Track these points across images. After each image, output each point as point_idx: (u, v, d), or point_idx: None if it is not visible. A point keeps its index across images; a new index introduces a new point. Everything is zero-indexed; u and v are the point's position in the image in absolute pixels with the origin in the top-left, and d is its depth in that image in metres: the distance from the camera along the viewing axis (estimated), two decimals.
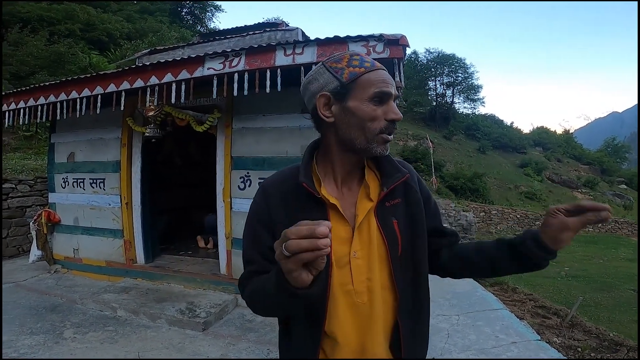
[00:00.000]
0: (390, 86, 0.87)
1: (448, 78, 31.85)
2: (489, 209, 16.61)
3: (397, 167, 0.94)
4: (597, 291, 6.95)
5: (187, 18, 25.71)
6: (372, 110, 0.86)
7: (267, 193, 0.95)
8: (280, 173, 1.00)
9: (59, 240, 4.86)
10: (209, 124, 3.86)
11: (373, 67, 0.89)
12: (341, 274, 0.87)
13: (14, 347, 2.81)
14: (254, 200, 0.97)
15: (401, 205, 0.93)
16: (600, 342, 3.66)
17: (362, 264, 0.87)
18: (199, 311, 3.40)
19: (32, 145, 8.69)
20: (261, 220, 0.93)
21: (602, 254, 12.02)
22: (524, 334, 3.22)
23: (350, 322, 0.87)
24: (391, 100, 0.88)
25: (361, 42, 2.87)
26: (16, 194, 5.52)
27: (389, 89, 0.87)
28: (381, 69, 0.89)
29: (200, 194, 6.12)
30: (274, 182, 0.97)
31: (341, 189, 0.93)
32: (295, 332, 0.92)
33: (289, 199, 0.92)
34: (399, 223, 0.91)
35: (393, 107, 0.88)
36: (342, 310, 0.87)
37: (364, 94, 0.86)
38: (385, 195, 0.91)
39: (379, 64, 0.91)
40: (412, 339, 0.91)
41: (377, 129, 0.86)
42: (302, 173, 0.91)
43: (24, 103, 4.08)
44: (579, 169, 30.75)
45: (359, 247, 0.88)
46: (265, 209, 0.93)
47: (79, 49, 12.82)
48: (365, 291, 0.87)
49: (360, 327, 0.87)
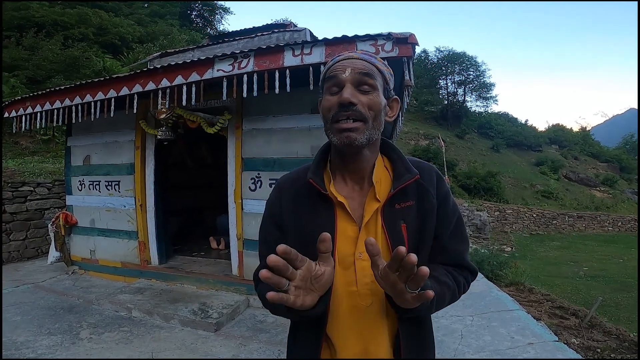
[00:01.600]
0: (343, 70, 0.83)
1: (459, 76, 31.51)
2: (503, 209, 16.36)
3: (408, 168, 0.90)
4: (617, 291, 6.77)
5: (196, 21, 25.98)
6: (327, 100, 0.85)
7: (281, 190, 0.97)
8: (295, 171, 1.01)
9: (76, 241, 4.95)
10: (219, 126, 3.88)
11: (337, 59, 0.87)
12: (346, 275, 0.86)
13: (32, 347, 2.87)
14: (269, 197, 1.00)
15: (413, 209, 0.88)
16: (621, 343, 3.56)
17: (367, 266, 0.84)
18: (212, 312, 3.43)
19: (50, 149, 8.90)
20: (273, 217, 0.96)
21: (622, 253, 11.71)
22: (541, 335, 3.16)
23: (352, 325, 0.85)
24: (346, 85, 0.82)
25: (369, 41, 2.85)
26: (35, 196, 5.65)
27: (335, 74, 0.83)
28: (345, 59, 0.86)
29: (212, 196, 6.18)
30: (288, 179, 0.99)
31: (352, 188, 0.91)
32: (300, 332, 0.93)
33: (300, 196, 0.92)
34: (408, 227, 0.86)
35: (342, 91, 0.82)
36: (344, 312, 0.85)
37: (324, 87, 0.87)
38: (393, 196, 0.87)
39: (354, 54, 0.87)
40: (412, 345, 0.87)
41: (329, 119, 0.84)
42: (311, 170, 0.91)
43: (40, 107, 4.17)
44: (596, 166, 30.02)
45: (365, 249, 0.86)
46: (277, 206, 0.95)
47: (93, 53, 13.07)
48: (369, 294, 0.85)
49: (363, 330, 0.85)
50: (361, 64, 0.84)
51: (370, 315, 0.85)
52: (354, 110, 0.81)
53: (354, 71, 0.83)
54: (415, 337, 0.88)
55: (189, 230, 5.96)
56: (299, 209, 0.91)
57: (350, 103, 0.80)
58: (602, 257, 10.94)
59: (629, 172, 30.57)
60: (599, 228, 18.24)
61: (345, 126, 0.81)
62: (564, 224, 17.53)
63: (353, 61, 0.85)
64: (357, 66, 0.83)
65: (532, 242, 13.80)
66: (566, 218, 17.74)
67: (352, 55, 0.87)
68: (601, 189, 24.58)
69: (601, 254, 11.60)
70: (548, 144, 32.26)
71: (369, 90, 0.83)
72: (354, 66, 0.83)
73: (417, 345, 0.89)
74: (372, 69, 0.85)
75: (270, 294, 0.64)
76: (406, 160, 0.93)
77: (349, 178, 0.92)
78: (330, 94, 0.85)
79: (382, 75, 0.87)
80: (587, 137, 36.98)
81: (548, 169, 24.96)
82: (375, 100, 0.84)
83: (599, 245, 13.33)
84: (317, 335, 0.86)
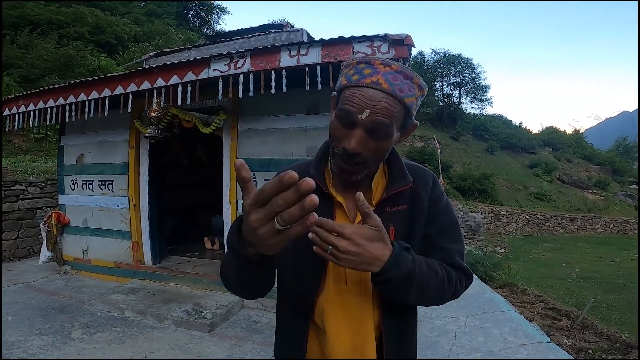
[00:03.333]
0: (361, 109, 0.74)
1: (455, 78, 31.70)
2: (497, 210, 16.47)
3: (403, 174, 0.90)
4: (609, 293, 6.84)
5: (193, 20, 25.93)
6: (337, 128, 0.80)
7: None
8: (298, 164, 1.00)
9: (68, 241, 4.91)
10: (215, 126, 3.87)
11: (359, 82, 0.76)
12: (337, 271, 0.88)
13: (23, 347, 2.84)
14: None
15: (404, 213, 0.90)
16: (612, 344, 3.60)
17: None
18: (205, 312, 3.41)
19: (42, 148, 8.82)
20: None
21: (613, 255, 11.84)
22: (534, 336, 3.18)
23: (341, 320, 0.87)
24: (356, 127, 0.76)
25: (366, 42, 2.86)
26: (27, 195, 5.60)
27: (352, 110, 0.75)
28: (370, 88, 0.75)
29: (207, 196, 6.15)
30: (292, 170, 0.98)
31: (350, 190, 0.92)
32: (285, 323, 0.95)
33: None
34: (397, 230, 0.88)
35: (350, 135, 0.77)
36: (334, 307, 0.87)
37: (339, 98, 0.82)
38: (385, 200, 0.89)
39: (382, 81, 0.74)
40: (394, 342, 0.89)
41: (335, 150, 0.82)
42: (313, 167, 0.92)
43: (33, 105, 4.13)
44: (589, 169, 30.30)
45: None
46: None
47: (88, 52, 12.98)
48: (357, 292, 0.87)
49: (352, 326, 0.87)
50: (383, 110, 0.75)
51: (358, 312, 0.87)
52: (357, 158, 0.79)
53: (372, 117, 0.75)
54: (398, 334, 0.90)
55: (184, 230, 5.93)
56: None
57: (357, 154, 0.78)
58: (594, 259, 11.05)
59: (621, 174, 30.91)
60: (591, 230, 18.44)
61: (344, 167, 0.82)
62: (557, 226, 17.69)
63: (377, 99, 0.74)
64: (377, 111, 0.74)
65: (526, 244, 13.91)
66: (559, 220, 17.91)
67: (378, 82, 0.75)
68: (594, 192, 24.81)
69: (593, 255, 11.72)
70: (542, 146, 32.52)
71: (382, 138, 0.78)
72: (375, 110, 0.74)
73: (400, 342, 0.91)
74: (394, 111, 0.76)
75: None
76: (403, 165, 0.93)
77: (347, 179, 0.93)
78: (340, 121, 0.79)
79: (406, 110, 0.79)
80: (580, 140, 37.34)
81: (541, 171, 25.14)
82: (384, 147, 0.80)
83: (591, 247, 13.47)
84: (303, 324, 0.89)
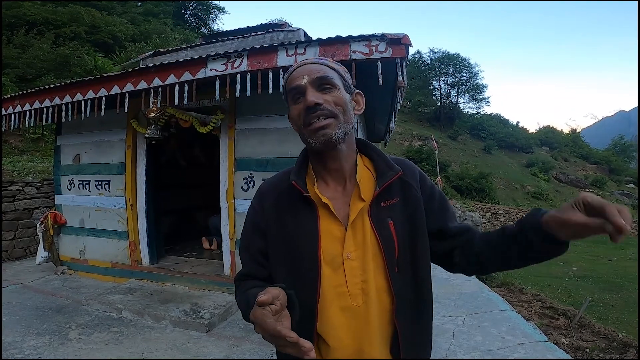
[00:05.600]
0: (301, 78, 0.86)
1: (452, 78, 31.79)
2: (495, 209, 16.52)
3: (390, 165, 0.91)
4: (606, 291, 6.85)
5: (190, 20, 25.87)
6: (293, 109, 0.89)
7: (263, 195, 0.98)
8: (278, 174, 1.01)
9: (65, 241, 4.89)
10: (212, 125, 3.86)
11: (292, 69, 0.91)
12: (335, 276, 0.85)
13: (20, 347, 2.82)
14: (251, 204, 1.00)
15: (398, 205, 0.90)
16: (609, 343, 3.61)
17: (357, 266, 0.85)
18: (203, 312, 3.40)
19: (39, 148, 8.78)
20: (254, 223, 0.96)
21: (611, 254, 11.88)
22: (531, 335, 3.18)
23: (344, 325, 0.85)
24: (308, 90, 0.85)
25: (363, 41, 2.86)
26: (23, 196, 5.57)
27: (295, 83, 0.87)
28: (300, 66, 0.90)
29: (204, 195, 6.13)
30: (271, 183, 1.00)
31: (335, 189, 0.92)
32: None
33: (282, 199, 0.93)
34: (396, 224, 0.87)
35: (306, 95, 0.85)
36: (335, 313, 0.85)
37: (288, 99, 0.91)
38: (379, 195, 0.88)
39: (307, 60, 0.91)
40: (412, 344, 0.87)
41: (301, 125, 0.87)
42: (294, 172, 0.92)
43: (29, 105, 4.11)
44: (586, 168, 30.47)
45: (353, 249, 0.86)
46: (259, 212, 0.96)
47: (85, 52, 12.93)
48: (360, 294, 0.85)
49: (356, 331, 0.84)
50: (316, 68, 0.88)
51: (362, 315, 0.84)
52: (321, 109, 0.84)
53: (311, 76, 0.86)
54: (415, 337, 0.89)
55: (181, 230, 5.91)
56: (281, 212, 0.92)
57: (316, 104, 0.83)
58: (591, 258, 11.08)
59: (617, 173, 31.08)
60: None
61: (318, 125, 0.84)
62: None
63: (308, 67, 0.89)
64: (313, 70, 0.87)
65: None
66: None
67: (305, 62, 0.91)
68: (590, 190, 24.94)
69: (590, 254, 11.75)
70: (539, 145, 32.67)
71: (330, 89, 0.87)
72: (310, 71, 0.87)
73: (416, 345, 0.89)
74: (327, 70, 0.89)
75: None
76: (387, 158, 0.94)
77: (331, 179, 0.93)
78: (295, 103, 0.88)
79: (338, 73, 0.91)
80: (577, 139, 37.54)
81: (539, 170, 25.27)
82: (339, 96, 0.87)
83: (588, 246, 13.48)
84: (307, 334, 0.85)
